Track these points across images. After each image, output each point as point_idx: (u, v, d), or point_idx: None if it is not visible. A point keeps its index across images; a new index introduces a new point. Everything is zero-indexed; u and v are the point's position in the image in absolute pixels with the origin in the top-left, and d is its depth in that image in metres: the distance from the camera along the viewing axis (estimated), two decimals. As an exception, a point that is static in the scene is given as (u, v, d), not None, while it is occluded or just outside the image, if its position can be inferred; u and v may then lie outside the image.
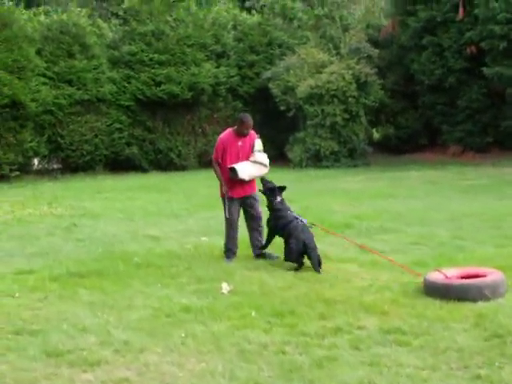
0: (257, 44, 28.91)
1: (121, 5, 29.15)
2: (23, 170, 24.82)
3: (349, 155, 26.87)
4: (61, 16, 26.20)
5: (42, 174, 25.63)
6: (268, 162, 10.76)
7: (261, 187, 10.76)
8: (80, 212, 15.85)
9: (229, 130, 10.70)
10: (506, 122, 26.65)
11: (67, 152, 25.81)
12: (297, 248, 9.85)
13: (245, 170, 10.37)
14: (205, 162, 26.73)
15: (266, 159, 10.73)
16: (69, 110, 25.55)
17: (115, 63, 27.01)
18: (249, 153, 10.58)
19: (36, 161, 26.68)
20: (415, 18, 27.83)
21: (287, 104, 26.83)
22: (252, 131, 10.66)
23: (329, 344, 6.72)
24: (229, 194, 10.51)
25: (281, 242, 10.31)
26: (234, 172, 10.34)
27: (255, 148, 10.58)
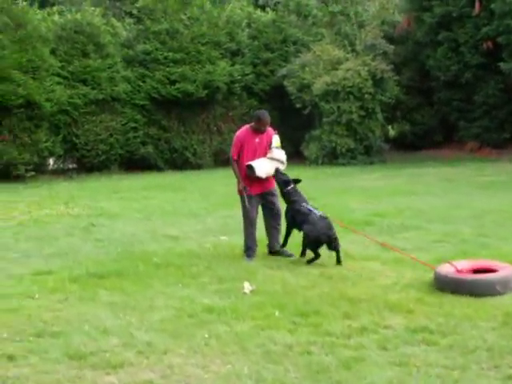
0: (271, 41, 28.76)
1: (135, 3, 29.04)
2: (38, 170, 24.77)
3: (365, 152, 26.70)
4: (75, 15, 26.11)
5: (58, 174, 25.58)
6: (285, 159, 10.67)
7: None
8: (97, 212, 15.77)
9: (246, 127, 10.59)
10: (523, 118, 26.49)
11: (82, 152, 25.75)
12: (313, 234, 9.85)
13: (262, 168, 10.28)
14: (221, 161, 26.80)
15: (284, 156, 10.64)
16: (84, 110, 25.50)
17: (130, 62, 26.94)
18: (266, 149, 10.49)
19: (51, 161, 26.65)
20: (430, 14, 27.63)
21: (303, 101, 26.68)
22: (269, 128, 10.57)
23: (355, 344, 6.60)
24: (247, 192, 10.41)
25: (295, 241, 10.27)
26: (252, 169, 10.25)
27: (273, 145, 10.49)
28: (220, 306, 7.84)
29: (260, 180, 10.42)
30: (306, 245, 10.11)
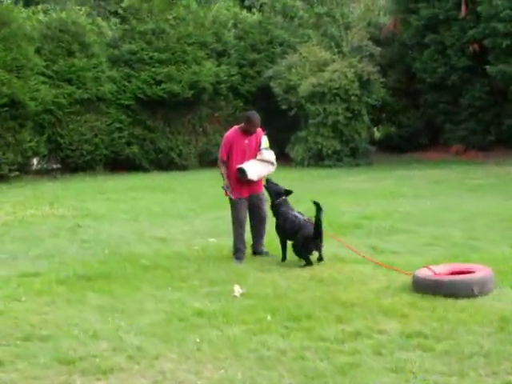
0: (258, 42, 28.69)
1: (120, 3, 28.88)
2: (22, 170, 24.53)
3: (351, 154, 26.64)
4: (60, 14, 25.95)
5: (42, 174, 25.37)
6: (275, 160, 10.57)
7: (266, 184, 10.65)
8: (83, 213, 15.60)
9: (235, 128, 10.47)
10: (509, 121, 26.48)
11: (67, 152, 25.55)
12: (303, 241, 9.83)
13: (253, 171, 10.17)
14: (206, 162, 26.67)
15: (273, 157, 10.53)
16: (68, 110, 25.30)
17: (115, 62, 26.78)
18: (255, 151, 10.38)
19: (35, 161, 26.41)
20: (417, 16, 27.62)
21: (289, 103, 26.60)
22: (259, 128, 10.46)
23: (350, 349, 6.49)
24: (235, 196, 10.30)
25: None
26: (243, 173, 10.13)
27: (262, 146, 10.38)
28: (211, 310, 7.71)
29: (249, 182, 10.30)
30: (297, 252, 10.03)
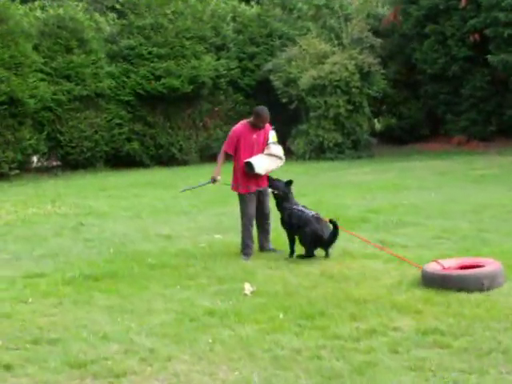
0: (257, 36, 28.51)
1: (117, -2, 28.73)
2: (22, 168, 24.39)
3: (353, 147, 26.49)
4: (57, 10, 25.73)
5: (42, 172, 25.22)
6: (283, 154, 10.47)
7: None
8: (85, 211, 15.46)
9: (243, 122, 10.35)
10: (510, 111, 26.36)
11: (67, 149, 25.36)
12: (312, 234, 9.77)
13: (261, 165, 10.07)
14: (207, 157, 26.53)
15: (281, 151, 10.45)
16: (68, 106, 25.12)
17: (114, 57, 26.60)
18: (263, 146, 10.31)
19: (35, 158, 26.26)
20: (417, 7, 27.46)
21: (289, 96, 26.43)
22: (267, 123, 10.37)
23: (365, 347, 6.36)
24: (245, 190, 10.21)
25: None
26: (251, 167, 10.02)
27: (270, 140, 10.30)
28: (222, 309, 7.59)
29: (257, 177, 10.19)
30: (303, 245, 9.95)
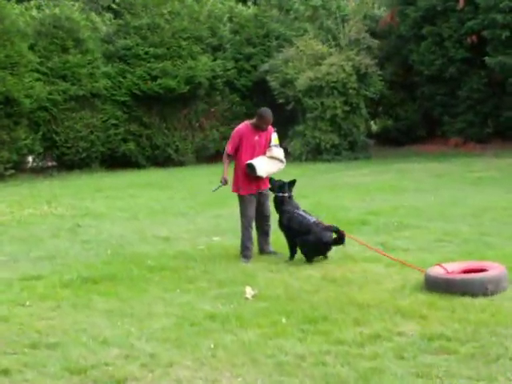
0: (253, 36, 28.38)
1: (114, -2, 28.60)
2: (18, 169, 24.24)
3: (349, 148, 26.36)
4: (53, 10, 25.59)
5: (37, 172, 25.06)
6: (284, 157, 10.38)
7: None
8: (82, 212, 15.34)
9: (246, 123, 10.26)
10: (507, 113, 26.23)
11: (62, 149, 25.22)
12: (315, 242, 9.66)
13: (263, 167, 9.98)
14: (203, 157, 26.44)
15: (283, 154, 10.34)
16: (63, 106, 24.98)
17: (110, 58, 26.46)
18: (265, 147, 10.21)
19: (30, 158, 26.09)
20: (414, 8, 27.32)
21: (286, 97, 26.30)
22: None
23: (370, 353, 6.25)
24: (245, 191, 10.10)
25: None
26: (252, 169, 9.92)
27: (272, 142, 10.20)
28: (223, 313, 7.47)
29: (257, 179, 10.09)
30: (305, 253, 9.85)
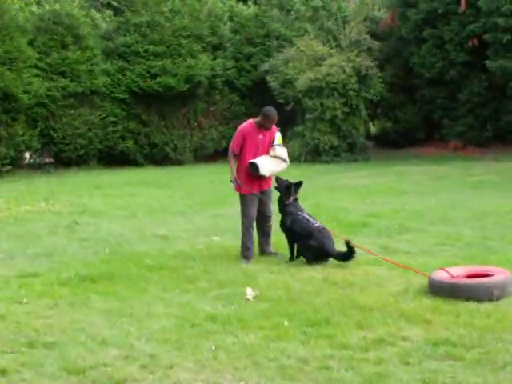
0: (254, 36, 28.21)
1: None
2: (15, 165, 24.07)
3: (348, 150, 26.20)
4: (53, 6, 25.43)
5: (35, 169, 24.88)
6: (287, 156, 10.26)
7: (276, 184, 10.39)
8: (79, 209, 15.21)
9: (250, 122, 10.13)
10: (507, 117, 26.14)
11: (60, 146, 25.05)
12: (316, 248, 9.55)
13: (266, 166, 9.87)
14: (201, 157, 26.33)
15: (286, 154, 10.23)
16: (62, 103, 24.81)
17: (109, 55, 26.29)
18: (268, 147, 10.10)
19: (27, 155, 25.94)
20: (415, 10, 27.21)
21: (286, 97, 26.12)
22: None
23: (375, 358, 6.13)
24: (245, 190, 9.97)
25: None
26: (255, 168, 9.80)
27: (275, 142, 10.10)
28: (224, 314, 7.35)
29: (260, 178, 9.98)
30: (306, 257, 9.75)
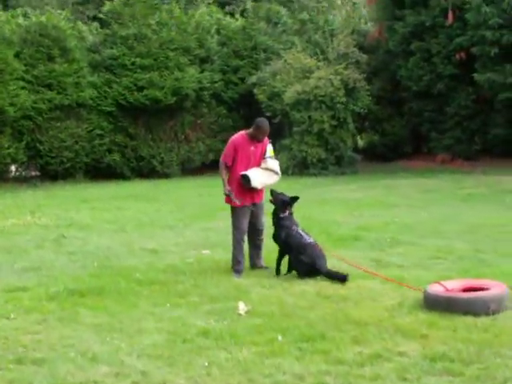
0: (241, 48, 28.21)
1: (101, 8, 28.31)
2: (0, 178, 23.97)
3: (336, 163, 26.14)
4: (40, 18, 25.31)
5: (21, 182, 24.72)
6: (279, 169, 10.14)
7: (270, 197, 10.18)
8: (66, 222, 15.05)
9: (242, 133, 10.02)
10: (495, 130, 26.16)
11: (46, 159, 24.94)
12: (308, 265, 9.46)
13: (257, 178, 9.74)
14: (188, 170, 26.18)
15: (278, 166, 10.10)
16: (48, 115, 24.71)
17: (96, 67, 26.22)
18: (260, 159, 9.97)
19: (13, 168, 25.75)
20: (403, 23, 27.19)
21: (273, 110, 26.02)
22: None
23: (371, 374, 5.99)
24: (239, 204, 9.83)
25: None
26: (247, 180, 9.66)
27: (267, 154, 9.98)
28: (216, 330, 7.20)
29: (252, 191, 9.85)
30: (298, 270, 9.63)
